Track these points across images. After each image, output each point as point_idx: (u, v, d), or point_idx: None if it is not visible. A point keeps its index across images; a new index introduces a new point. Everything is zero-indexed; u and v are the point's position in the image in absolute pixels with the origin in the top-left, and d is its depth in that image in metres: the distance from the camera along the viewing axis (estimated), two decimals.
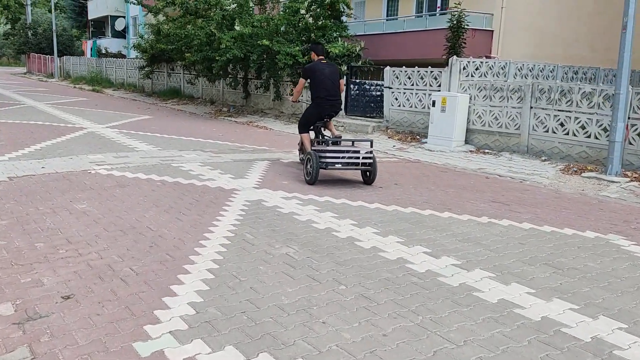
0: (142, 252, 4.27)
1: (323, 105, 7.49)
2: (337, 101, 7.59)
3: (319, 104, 7.52)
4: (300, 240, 4.71)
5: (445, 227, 5.31)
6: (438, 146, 10.97)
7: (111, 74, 29.02)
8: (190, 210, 5.55)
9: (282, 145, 10.86)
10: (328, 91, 7.42)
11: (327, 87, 7.42)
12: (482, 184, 7.73)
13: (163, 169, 7.54)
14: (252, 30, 14.47)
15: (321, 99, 7.47)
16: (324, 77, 7.41)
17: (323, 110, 7.52)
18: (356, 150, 7.15)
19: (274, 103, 16.63)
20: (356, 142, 7.50)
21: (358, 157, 7.10)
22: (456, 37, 12.53)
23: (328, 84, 7.42)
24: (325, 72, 7.45)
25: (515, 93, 10.19)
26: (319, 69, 7.49)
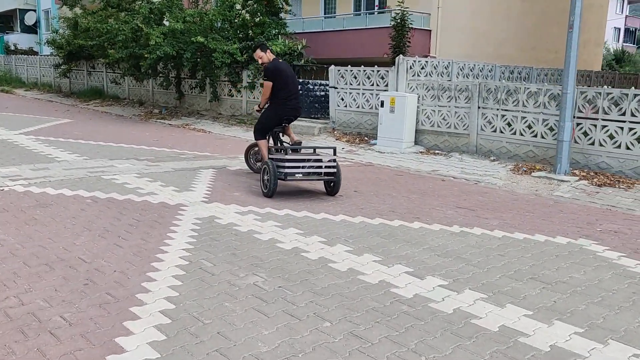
0: (76, 293, 3.50)
1: (285, 108, 6.84)
2: (299, 103, 7.07)
3: (281, 107, 6.85)
4: (267, 266, 4.10)
5: (419, 239, 4.89)
6: (388, 148, 10.65)
7: (22, 72, 26.63)
8: (131, 233, 4.77)
9: (225, 150, 10.10)
10: (290, 92, 6.82)
11: (290, 88, 6.82)
12: (441, 188, 7.43)
13: (92, 182, 6.62)
14: (184, 26, 13.51)
15: (283, 101, 6.81)
16: (288, 77, 6.81)
17: (284, 113, 6.87)
18: (318, 159, 6.51)
19: (211, 104, 15.73)
20: (318, 149, 6.90)
21: (320, 166, 6.47)
22: (400, 36, 12.28)
23: (291, 85, 6.84)
24: (288, 72, 6.88)
25: (462, 93, 10.04)
26: (283, 68, 6.86)
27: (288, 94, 6.79)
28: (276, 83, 6.73)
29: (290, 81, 6.84)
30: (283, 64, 7.02)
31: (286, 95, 6.78)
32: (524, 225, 5.50)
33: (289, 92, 6.81)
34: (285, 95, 6.78)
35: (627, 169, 7.85)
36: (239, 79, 14.85)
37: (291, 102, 6.87)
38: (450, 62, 12.24)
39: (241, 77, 14.84)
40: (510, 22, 17.96)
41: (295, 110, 6.97)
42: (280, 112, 6.87)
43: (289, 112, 6.91)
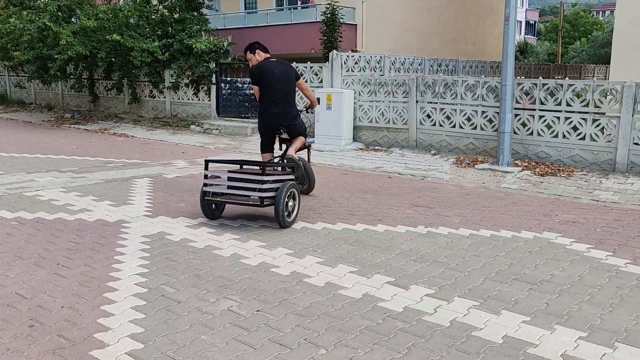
0: (21, 339, 2.95)
1: (266, 116, 5.89)
2: (287, 109, 5.86)
3: (262, 114, 5.95)
4: (237, 287, 3.72)
5: (389, 244, 4.70)
6: (327, 145, 10.44)
7: None
8: (72, 259, 4.19)
9: (155, 156, 9.43)
10: (274, 97, 5.78)
11: (273, 92, 5.78)
12: (390, 185, 7.33)
13: (14, 201, 5.83)
14: (97, 23, 12.50)
15: (266, 107, 5.85)
16: (272, 79, 5.75)
17: (268, 121, 5.92)
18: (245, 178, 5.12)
19: (131, 106, 14.76)
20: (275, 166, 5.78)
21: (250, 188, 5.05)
22: (332, 31, 12.10)
23: (276, 89, 5.78)
24: (276, 74, 5.77)
25: (400, 87, 10.03)
26: (267, 70, 5.78)
27: (271, 98, 5.79)
28: (261, 87, 5.85)
29: (275, 84, 5.76)
30: (270, 63, 5.84)
31: (269, 100, 5.80)
32: (485, 221, 5.48)
33: (272, 97, 5.78)
34: (268, 101, 5.81)
35: (565, 158, 8.17)
36: (160, 78, 14.05)
37: (274, 109, 5.82)
38: (382, 57, 12.25)
39: (163, 76, 14.04)
40: (431, 15, 18.43)
41: (279, 117, 5.85)
42: (262, 121, 5.99)
43: (272, 121, 5.88)
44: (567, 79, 8.19)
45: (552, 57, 38.65)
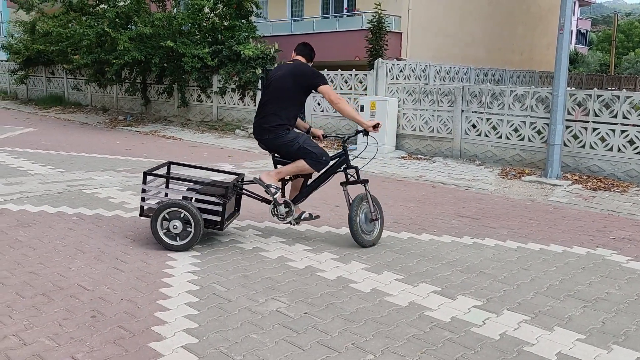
0: (84, 328, 3.12)
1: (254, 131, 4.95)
2: (257, 123, 4.80)
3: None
4: (285, 289, 3.82)
5: (434, 253, 4.71)
6: (369, 153, 10.44)
7: None
8: (129, 254, 4.39)
9: (202, 158, 9.70)
10: (260, 106, 4.84)
11: (262, 99, 4.86)
12: (434, 195, 7.30)
13: (74, 197, 6.14)
14: (152, 30, 12.98)
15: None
16: (268, 84, 4.83)
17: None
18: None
19: (179, 110, 15.21)
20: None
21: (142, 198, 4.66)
22: (377, 39, 12.16)
23: (262, 96, 4.87)
24: (271, 78, 4.83)
25: (445, 96, 9.98)
26: (271, 74, 4.94)
27: (259, 107, 4.85)
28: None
29: (268, 90, 4.79)
30: (280, 67, 5.07)
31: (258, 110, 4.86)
32: (534, 234, 5.40)
33: (260, 106, 4.85)
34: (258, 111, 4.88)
35: (619, 172, 7.94)
36: (208, 83, 14.43)
37: (255, 120, 4.89)
38: (427, 65, 12.21)
39: (211, 81, 14.41)
40: (477, 24, 18.22)
41: (254, 130, 4.88)
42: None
43: (255, 136, 4.92)
44: (624, 91, 7.96)
45: (604, 68, 37.41)
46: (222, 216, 4.56)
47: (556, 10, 19.89)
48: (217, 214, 4.55)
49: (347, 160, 4.95)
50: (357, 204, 4.81)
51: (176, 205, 4.46)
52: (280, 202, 4.75)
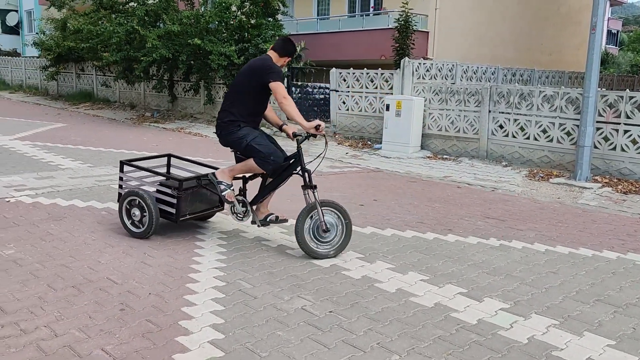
0: (113, 321, 3.18)
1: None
2: (221, 118, 4.63)
3: None
4: (310, 287, 3.82)
5: (460, 254, 4.66)
6: (394, 152, 10.43)
7: (6, 74, 25.87)
8: (157, 249, 4.45)
9: (228, 155, 9.71)
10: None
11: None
12: (460, 195, 7.22)
13: (103, 192, 6.25)
14: (180, 28, 13.13)
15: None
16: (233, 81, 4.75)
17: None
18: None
19: (205, 107, 15.35)
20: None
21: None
22: (404, 38, 12.07)
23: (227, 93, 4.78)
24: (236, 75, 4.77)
25: (472, 96, 9.86)
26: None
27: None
28: None
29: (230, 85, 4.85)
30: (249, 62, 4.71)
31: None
32: (562, 237, 5.30)
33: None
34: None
35: None
36: None
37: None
38: (454, 65, 12.08)
39: None
40: (505, 24, 17.93)
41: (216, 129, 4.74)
42: None
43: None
44: None
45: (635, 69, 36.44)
46: (177, 209, 4.65)
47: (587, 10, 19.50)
48: (172, 206, 4.67)
49: (301, 161, 4.56)
50: (304, 215, 4.41)
51: (133, 194, 4.68)
52: (230, 200, 4.64)
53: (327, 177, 8.20)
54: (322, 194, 6.86)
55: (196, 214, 4.94)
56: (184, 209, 4.74)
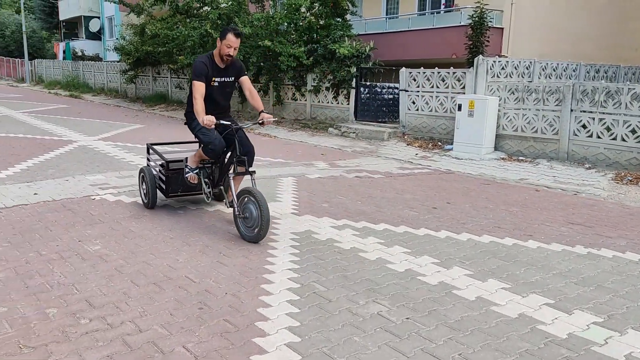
0: (192, 319, 3.24)
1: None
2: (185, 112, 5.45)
3: None
4: (385, 292, 3.73)
5: (544, 262, 4.40)
6: (466, 154, 10.10)
7: (89, 78, 27.51)
8: (231, 249, 4.51)
9: (296, 156, 9.85)
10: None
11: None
12: (539, 199, 6.86)
13: None
14: (251, 30, 13.40)
15: None
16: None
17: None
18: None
19: (274, 108, 15.58)
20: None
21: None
22: (478, 35, 11.68)
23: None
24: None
25: (552, 95, 9.37)
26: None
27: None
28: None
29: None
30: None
31: None
32: None
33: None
34: None
35: None
36: (303, 82, 14.63)
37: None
38: (531, 62, 11.54)
39: (306, 80, 14.61)
40: (587, 18, 16.93)
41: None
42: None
43: None
44: None
45: None
46: (167, 186, 5.55)
47: None
48: (164, 183, 5.57)
49: (235, 150, 4.93)
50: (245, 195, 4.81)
51: (142, 171, 5.72)
52: (192, 181, 5.35)
53: (397, 178, 8.06)
54: (393, 195, 6.76)
55: (189, 193, 5.74)
56: (173, 186, 5.59)
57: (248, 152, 5.05)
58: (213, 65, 4.97)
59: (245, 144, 5.05)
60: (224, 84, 5.09)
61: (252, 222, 4.67)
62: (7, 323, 3.11)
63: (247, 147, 5.06)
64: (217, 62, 4.97)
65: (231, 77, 5.12)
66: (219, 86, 5.04)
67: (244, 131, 5.16)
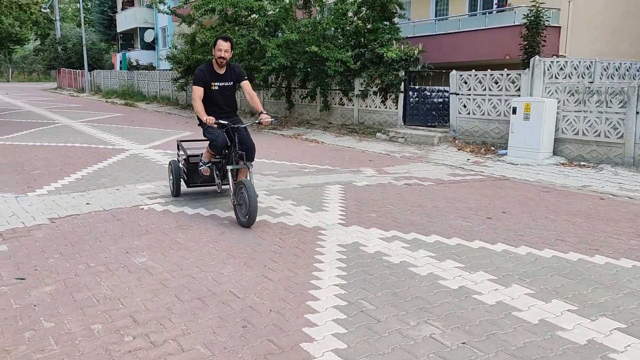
0: (235, 338, 3.12)
1: None
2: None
3: None
4: (438, 312, 3.50)
5: (613, 280, 4.04)
6: (521, 159, 9.64)
7: (143, 86, 28.39)
8: (276, 262, 4.40)
9: (344, 162, 9.68)
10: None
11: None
12: (605, 209, 6.41)
13: (225, 201, 6.41)
14: (298, 36, 13.37)
15: None
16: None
17: None
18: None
19: (322, 113, 15.50)
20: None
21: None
22: (534, 35, 11.16)
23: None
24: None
25: (616, 96, 8.80)
26: None
27: None
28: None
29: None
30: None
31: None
32: None
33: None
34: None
35: None
36: (350, 87, 14.48)
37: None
38: (592, 62, 10.92)
39: (353, 85, 14.44)
40: None
41: None
42: None
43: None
44: None
45: None
46: (187, 177, 6.35)
47: None
48: (186, 175, 6.38)
49: (235, 147, 5.61)
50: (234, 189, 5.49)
51: (170, 163, 6.53)
52: (204, 174, 6.05)
53: (449, 185, 7.75)
54: (444, 204, 6.48)
55: (206, 184, 6.46)
56: (193, 178, 6.34)
57: (248, 149, 5.72)
58: (211, 72, 5.71)
59: (245, 142, 5.68)
60: (223, 87, 5.78)
61: (244, 209, 5.27)
62: (52, 339, 3.09)
63: (247, 145, 5.69)
64: (215, 69, 5.71)
65: (230, 82, 5.81)
66: (218, 90, 5.75)
67: (246, 130, 5.85)
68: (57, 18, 44.40)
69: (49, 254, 4.52)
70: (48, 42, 45.90)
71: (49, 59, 44.04)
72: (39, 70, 65.38)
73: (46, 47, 46.13)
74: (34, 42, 63.40)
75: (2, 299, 3.61)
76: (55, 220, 5.52)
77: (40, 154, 9.86)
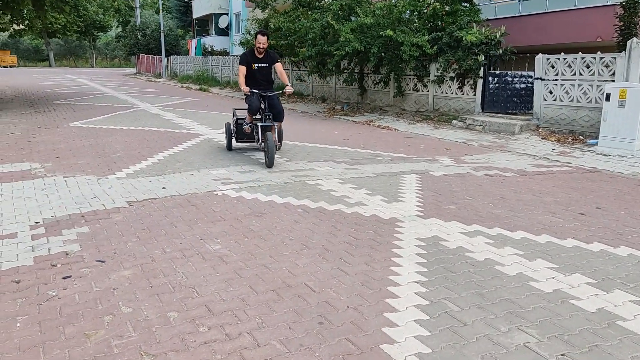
0: (312, 335, 2.98)
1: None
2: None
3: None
4: (531, 317, 3.19)
5: None
6: (614, 149, 8.88)
7: (217, 72, 29.00)
8: (352, 255, 4.22)
9: (419, 151, 9.32)
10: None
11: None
12: None
13: (299, 188, 6.31)
14: (373, 20, 13.00)
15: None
16: None
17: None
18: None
19: (395, 99, 15.09)
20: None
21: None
22: (631, 15, 10.20)
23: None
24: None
25: None
26: None
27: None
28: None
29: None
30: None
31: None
32: None
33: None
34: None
35: None
36: (426, 72, 13.96)
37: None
38: None
39: (429, 70, 13.92)
40: None
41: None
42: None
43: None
44: None
45: None
46: (236, 133, 8.54)
47: None
48: (235, 132, 8.57)
49: (265, 109, 7.81)
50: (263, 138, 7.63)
51: (226, 124, 8.83)
52: (247, 132, 8.10)
53: (533, 177, 7.24)
54: (529, 197, 6.04)
55: (249, 140, 8.43)
56: (240, 135, 8.45)
57: (276, 112, 7.84)
58: (253, 55, 7.97)
59: (274, 106, 7.83)
60: (261, 67, 7.98)
61: (266, 154, 7.41)
62: (130, 325, 3.09)
63: (276, 109, 7.84)
64: (256, 54, 7.95)
65: (266, 64, 8.01)
66: (257, 69, 7.97)
67: (278, 99, 7.95)
68: (138, 5, 46.23)
69: (127, 237, 4.59)
70: (128, 28, 47.92)
71: (129, 45, 46.00)
72: (120, 56, 68.59)
73: (127, 34, 48.20)
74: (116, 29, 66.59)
75: (84, 281, 3.68)
76: (133, 203, 5.63)
77: (120, 137, 10.22)
